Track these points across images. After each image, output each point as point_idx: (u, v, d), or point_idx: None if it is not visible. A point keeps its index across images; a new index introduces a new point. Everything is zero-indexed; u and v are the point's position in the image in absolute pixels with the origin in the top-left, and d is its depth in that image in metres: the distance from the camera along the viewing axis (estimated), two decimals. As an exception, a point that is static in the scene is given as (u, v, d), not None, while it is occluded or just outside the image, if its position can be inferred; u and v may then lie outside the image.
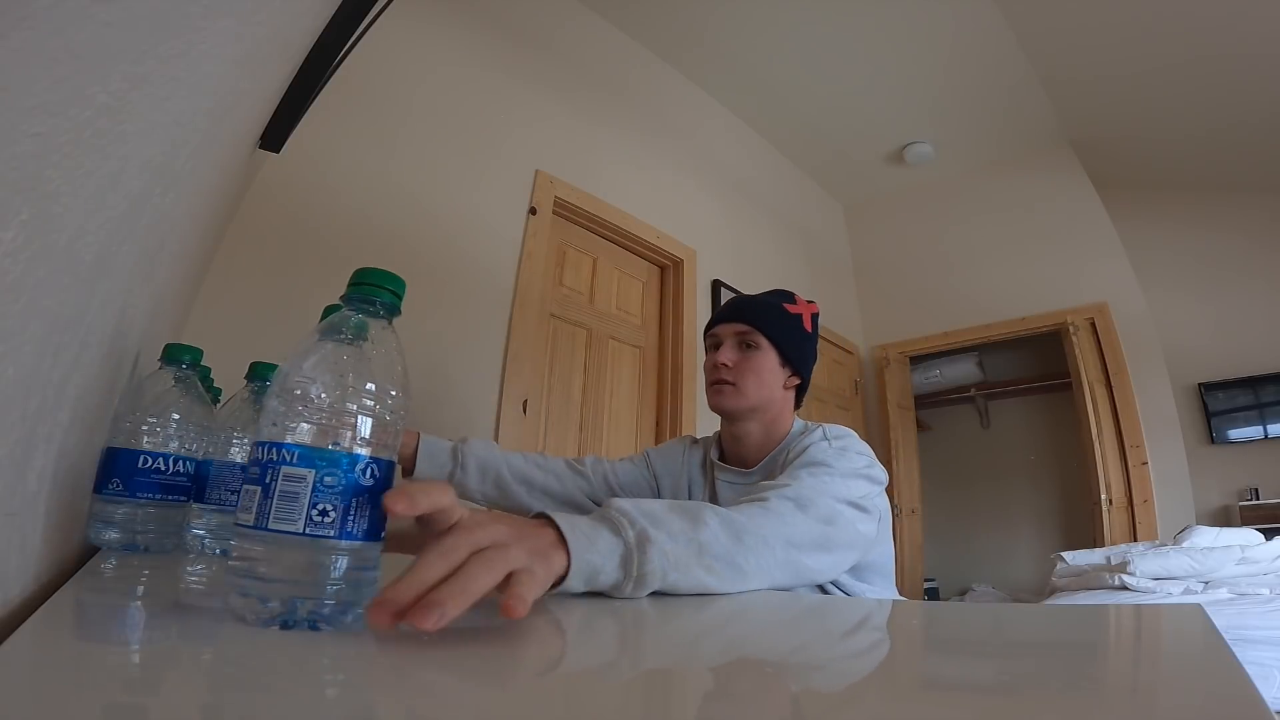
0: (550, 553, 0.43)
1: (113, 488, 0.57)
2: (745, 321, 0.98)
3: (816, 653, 0.42)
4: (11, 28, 0.21)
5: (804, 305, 1.02)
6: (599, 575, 0.47)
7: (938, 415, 4.22)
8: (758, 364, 0.96)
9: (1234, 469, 3.33)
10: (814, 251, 3.72)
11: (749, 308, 0.99)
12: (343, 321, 0.37)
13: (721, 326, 1.00)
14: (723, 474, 1.00)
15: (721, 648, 0.43)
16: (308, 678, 0.27)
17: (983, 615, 0.57)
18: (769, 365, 0.96)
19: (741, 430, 0.98)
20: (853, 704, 0.29)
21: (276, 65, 0.80)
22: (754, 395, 0.95)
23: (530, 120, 2.28)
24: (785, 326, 0.98)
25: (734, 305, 1.01)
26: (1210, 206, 3.61)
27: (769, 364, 0.97)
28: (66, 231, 0.29)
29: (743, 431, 0.98)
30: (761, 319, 0.97)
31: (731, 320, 0.99)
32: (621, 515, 0.50)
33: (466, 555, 0.37)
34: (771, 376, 0.97)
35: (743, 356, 0.97)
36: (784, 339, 0.97)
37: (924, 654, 0.43)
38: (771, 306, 0.99)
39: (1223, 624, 0.53)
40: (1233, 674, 0.27)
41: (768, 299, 1.01)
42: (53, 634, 0.31)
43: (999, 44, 2.79)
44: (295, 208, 1.58)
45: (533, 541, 0.42)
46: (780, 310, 0.99)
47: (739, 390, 0.95)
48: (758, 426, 0.97)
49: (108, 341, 0.47)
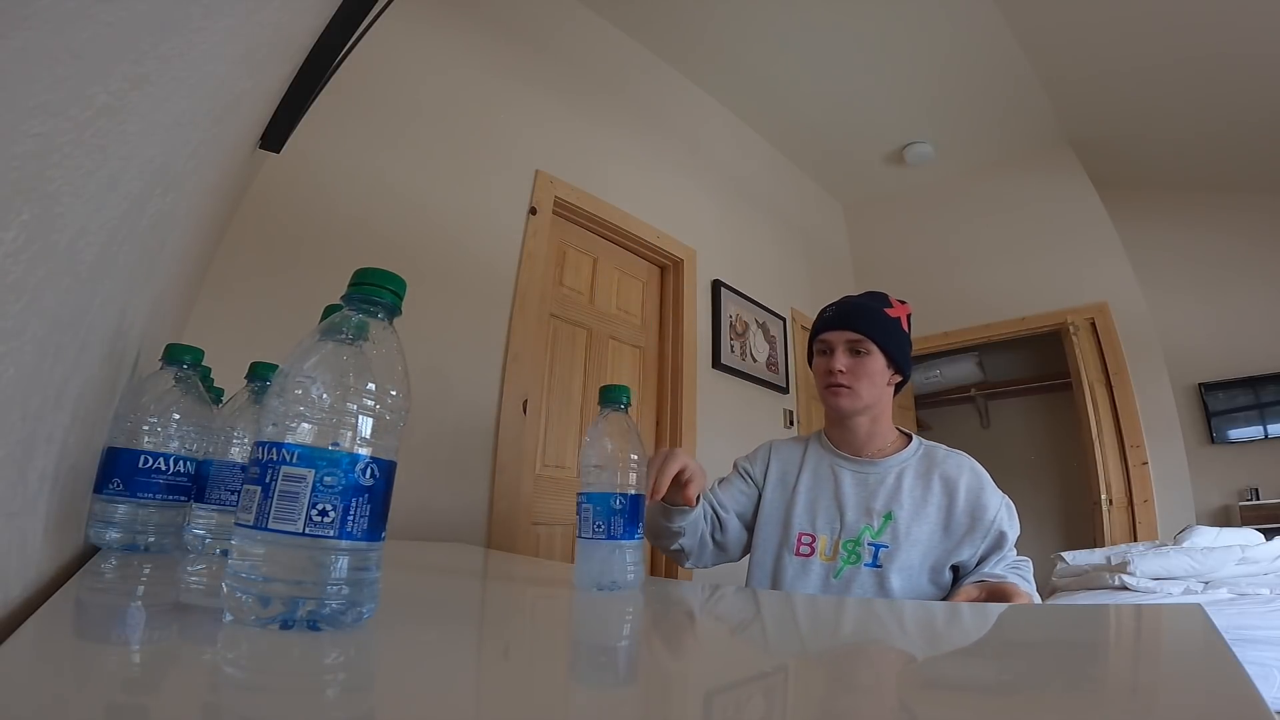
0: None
1: (113, 488, 0.57)
2: (854, 329, 1.05)
3: (816, 653, 0.42)
4: (13, 28, 0.21)
5: (900, 307, 1.10)
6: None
7: (938, 415, 4.22)
8: (869, 368, 1.05)
9: (1234, 469, 3.33)
10: (814, 251, 3.72)
11: (856, 315, 1.07)
12: (343, 321, 0.37)
13: (832, 334, 1.07)
14: (843, 461, 1.10)
15: (722, 648, 0.43)
16: (308, 678, 0.27)
17: (983, 615, 0.57)
18: (878, 368, 1.05)
19: (854, 424, 1.08)
20: (853, 703, 0.29)
21: (276, 65, 0.81)
22: (868, 396, 1.05)
23: (530, 120, 2.28)
24: (889, 330, 1.06)
25: (841, 312, 1.08)
26: (1211, 206, 3.61)
27: (878, 367, 1.05)
28: (67, 232, 0.29)
29: (855, 424, 1.08)
30: (869, 325, 1.05)
31: (841, 327, 1.07)
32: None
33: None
34: (881, 378, 1.06)
35: (855, 361, 1.05)
36: (889, 342, 1.05)
37: (924, 654, 0.43)
38: (875, 312, 1.07)
39: (1223, 624, 0.53)
40: (1233, 674, 0.27)
41: (870, 304, 1.08)
42: (53, 634, 0.31)
43: (999, 44, 2.78)
44: (295, 208, 1.58)
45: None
46: (883, 315, 1.07)
47: (855, 393, 1.04)
48: (867, 420, 1.08)
49: (108, 341, 0.47)
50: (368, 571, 0.35)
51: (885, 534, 0.98)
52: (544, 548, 2.02)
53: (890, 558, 0.97)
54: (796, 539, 1.04)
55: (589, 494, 0.61)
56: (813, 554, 1.02)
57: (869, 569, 0.97)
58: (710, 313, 2.78)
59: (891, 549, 0.97)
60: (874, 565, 0.97)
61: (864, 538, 0.99)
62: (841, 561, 0.99)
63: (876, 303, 1.09)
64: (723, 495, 1.12)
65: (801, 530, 1.04)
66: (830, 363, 1.06)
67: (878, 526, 0.99)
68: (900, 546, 0.97)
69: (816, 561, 1.01)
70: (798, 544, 1.03)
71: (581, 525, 0.60)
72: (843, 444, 1.11)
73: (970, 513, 0.97)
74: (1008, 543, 0.96)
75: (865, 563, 0.98)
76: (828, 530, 1.03)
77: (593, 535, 0.59)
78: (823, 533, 1.03)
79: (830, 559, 1.01)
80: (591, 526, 0.59)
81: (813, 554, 1.02)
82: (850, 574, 0.98)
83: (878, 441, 1.09)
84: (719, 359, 2.73)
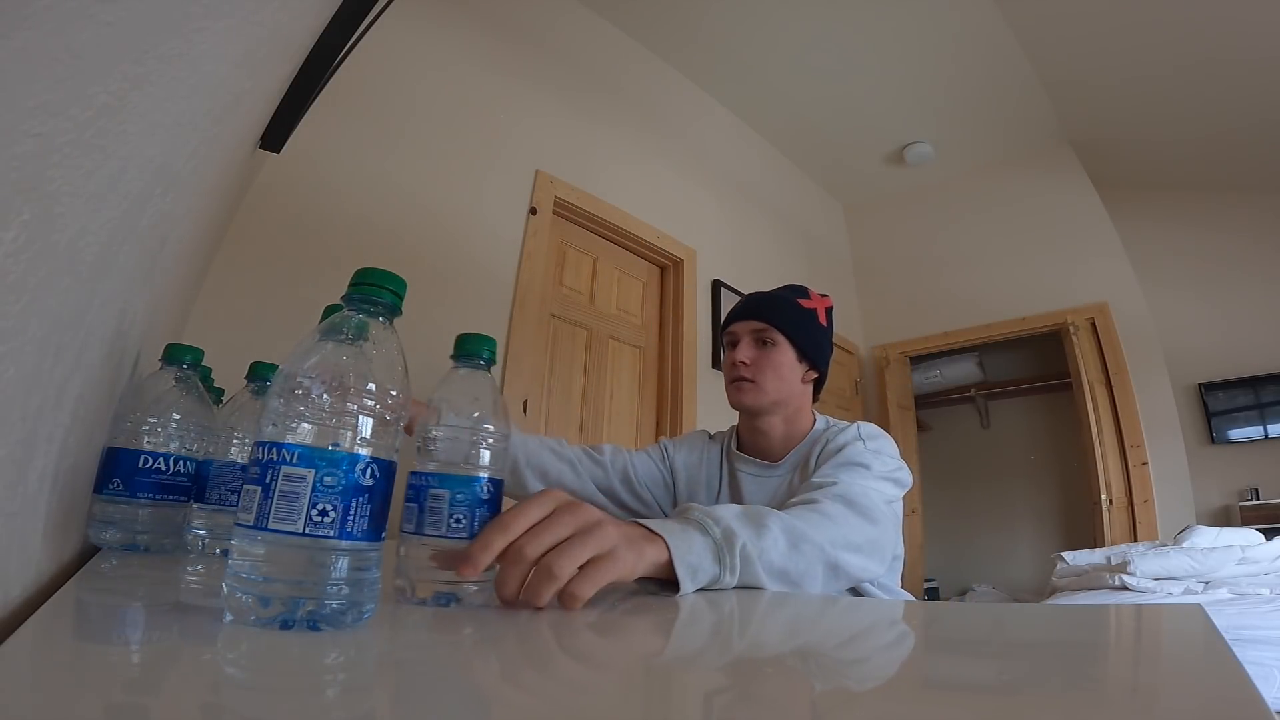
0: (643, 544, 0.47)
1: (113, 488, 0.57)
2: (761, 319, 0.99)
3: (817, 653, 0.42)
4: (12, 28, 0.21)
5: (818, 300, 1.03)
6: (698, 573, 0.51)
7: (938, 415, 4.22)
8: (775, 360, 0.98)
9: (1234, 469, 3.33)
10: (814, 251, 3.72)
11: (764, 305, 1.00)
12: (343, 321, 0.37)
13: (738, 324, 1.01)
14: (745, 465, 1.01)
15: (721, 648, 0.43)
16: (308, 678, 0.27)
17: (983, 615, 0.57)
18: (787, 361, 0.98)
19: (764, 424, 1.00)
20: (853, 703, 0.29)
21: (277, 65, 0.80)
22: (774, 391, 0.97)
23: (530, 120, 2.28)
24: (800, 322, 0.99)
25: (749, 303, 1.03)
26: (1210, 206, 3.61)
27: (786, 359, 0.98)
28: (67, 232, 0.29)
29: (766, 425, 1.00)
30: (776, 315, 0.98)
31: (747, 318, 1.00)
32: (705, 516, 0.56)
33: (570, 532, 0.42)
34: (790, 372, 0.98)
35: (760, 353, 0.98)
36: (800, 334, 0.99)
37: (924, 654, 0.43)
38: (786, 302, 1.00)
39: (1223, 624, 0.53)
40: (1233, 674, 0.27)
41: (782, 295, 1.02)
42: (53, 634, 0.30)
43: (1000, 44, 2.79)
44: (295, 208, 1.58)
45: (627, 529, 0.47)
46: (795, 305, 1.00)
47: (759, 387, 0.97)
48: (779, 420, 0.99)
49: (108, 341, 0.47)
50: (368, 571, 0.35)
51: None
52: (544, 548, 2.02)
53: None
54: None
55: (444, 476, 0.44)
56: None
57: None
58: (710, 313, 2.79)
59: None
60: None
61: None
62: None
63: (790, 294, 1.02)
64: (635, 458, 1.04)
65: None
66: (734, 355, 0.99)
67: None
68: None
69: None
70: None
71: (424, 517, 0.43)
72: (755, 447, 1.02)
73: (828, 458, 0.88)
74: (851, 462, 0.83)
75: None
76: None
77: (448, 532, 0.43)
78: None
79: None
80: (447, 520, 0.43)
81: None
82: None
83: (796, 444, 0.99)
84: (719, 359, 2.73)
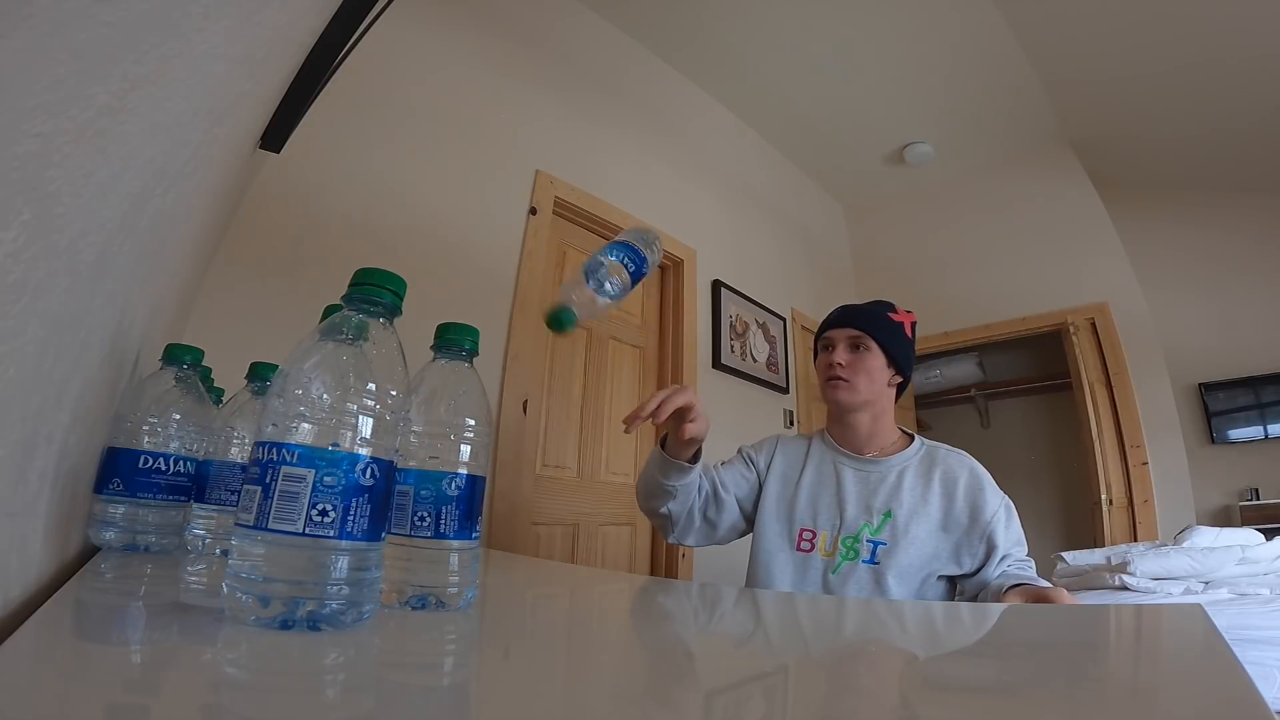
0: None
1: (113, 488, 0.57)
2: (856, 327, 1.10)
3: (817, 653, 0.42)
4: (13, 27, 0.21)
5: (904, 315, 1.14)
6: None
7: (938, 415, 4.22)
8: (868, 364, 1.09)
9: (1234, 469, 3.33)
10: (814, 251, 3.72)
11: (859, 315, 1.12)
12: (343, 321, 0.37)
13: (834, 331, 1.13)
14: (848, 460, 1.12)
15: (722, 648, 0.43)
16: (308, 678, 0.27)
17: (983, 615, 0.57)
18: (878, 365, 1.09)
19: (854, 420, 1.11)
20: (854, 703, 0.29)
21: (277, 65, 0.80)
22: (865, 390, 1.08)
23: (530, 120, 2.28)
24: (891, 331, 1.11)
25: (844, 312, 1.14)
26: (1210, 206, 3.61)
27: (878, 364, 1.09)
28: (68, 232, 0.29)
29: (855, 421, 1.11)
30: (870, 324, 1.10)
31: (843, 325, 1.12)
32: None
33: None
34: (879, 375, 1.09)
35: (854, 357, 1.10)
36: (890, 342, 1.10)
37: (925, 654, 0.43)
38: (878, 314, 1.12)
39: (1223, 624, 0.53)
40: (1233, 674, 0.27)
41: (874, 308, 1.13)
42: (53, 634, 0.31)
43: (1000, 44, 2.78)
44: (295, 208, 1.58)
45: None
46: (885, 317, 1.11)
47: (852, 386, 1.08)
48: (867, 417, 1.11)
49: (108, 342, 0.47)
50: (368, 571, 0.35)
51: (884, 531, 1.00)
52: (544, 548, 2.02)
53: (888, 555, 0.98)
54: (798, 534, 1.05)
55: (408, 471, 0.42)
56: (813, 550, 1.03)
57: (866, 565, 0.99)
58: (710, 313, 2.78)
59: (890, 546, 0.98)
60: (871, 562, 0.99)
61: (863, 534, 1.01)
62: (840, 557, 1.01)
63: (880, 308, 1.13)
64: (724, 475, 1.13)
65: (803, 526, 1.06)
66: (830, 357, 1.10)
67: (877, 524, 1.01)
68: (899, 544, 0.98)
69: (816, 557, 1.03)
70: (799, 539, 1.05)
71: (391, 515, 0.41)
72: (844, 441, 1.13)
73: (969, 510, 0.99)
74: (999, 547, 0.97)
75: (863, 559, 0.99)
76: (828, 526, 1.04)
77: (412, 531, 0.42)
78: (823, 529, 1.04)
79: (829, 555, 1.02)
80: (411, 519, 0.42)
81: (813, 550, 1.03)
82: (848, 570, 0.99)
83: (879, 441, 1.11)
84: (719, 359, 2.73)
